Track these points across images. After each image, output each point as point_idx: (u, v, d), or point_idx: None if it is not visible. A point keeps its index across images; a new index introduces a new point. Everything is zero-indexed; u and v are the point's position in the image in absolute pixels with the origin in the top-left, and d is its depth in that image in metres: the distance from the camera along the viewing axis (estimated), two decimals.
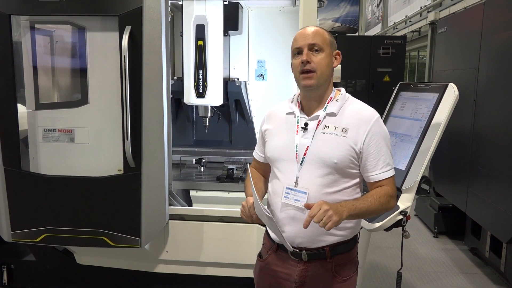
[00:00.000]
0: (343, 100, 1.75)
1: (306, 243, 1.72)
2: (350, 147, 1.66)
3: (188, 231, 2.75)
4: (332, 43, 1.74)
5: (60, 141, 2.62)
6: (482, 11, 3.91)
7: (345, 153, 1.66)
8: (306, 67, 1.67)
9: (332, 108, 1.72)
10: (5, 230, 2.62)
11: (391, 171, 1.72)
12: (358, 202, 1.64)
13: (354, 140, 1.67)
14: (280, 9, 3.38)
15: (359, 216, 1.66)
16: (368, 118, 1.68)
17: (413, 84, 2.77)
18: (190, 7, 3.04)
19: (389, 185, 1.70)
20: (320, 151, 1.68)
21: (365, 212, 1.64)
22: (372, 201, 1.65)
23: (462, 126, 4.17)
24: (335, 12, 18.26)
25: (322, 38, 1.70)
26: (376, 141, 1.67)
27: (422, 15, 9.23)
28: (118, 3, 2.37)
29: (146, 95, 2.42)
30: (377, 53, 6.61)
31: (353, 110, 1.72)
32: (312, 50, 1.69)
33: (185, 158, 3.44)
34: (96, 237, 2.56)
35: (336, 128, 1.69)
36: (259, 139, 1.93)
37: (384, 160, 1.69)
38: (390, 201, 1.70)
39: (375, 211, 1.68)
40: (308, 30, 1.71)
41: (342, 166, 1.67)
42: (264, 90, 3.50)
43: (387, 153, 1.70)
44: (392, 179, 1.72)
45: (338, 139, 1.67)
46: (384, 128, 1.72)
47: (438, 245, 4.60)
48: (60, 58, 2.72)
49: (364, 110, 1.72)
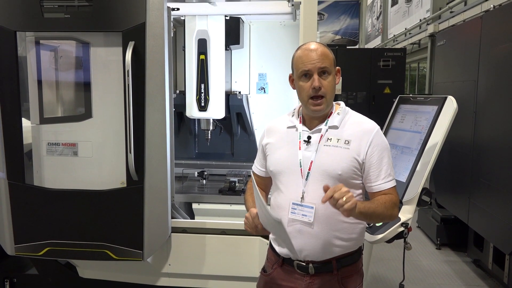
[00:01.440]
0: (343, 113, 1.78)
1: (313, 256, 1.72)
2: (354, 158, 1.69)
3: (190, 244, 2.75)
4: (334, 61, 1.75)
5: (64, 155, 2.65)
6: (480, 24, 3.96)
7: (349, 165, 1.69)
8: (318, 93, 1.68)
9: (333, 121, 1.75)
10: (8, 243, 2.63)
11: (392, 181, 1.75)
12: (366, 202, 1.67)
13: (357, 151, 1.70)
14: (280, 23, 3.44)
15: (367, 217, 1.65)
16: (369, 130, 1.72)
17: (412, 97, 2.80)
18: (192, 22, 3.09)
19: (393, 193, 1.74)
20: (324, 163, 1.70)
21: (372, 213, 1.64)
22: (379, 204, 1.67)
23: (463, 138, 4.18)
24: (335, 25, 18.41)
25: (329, 60, 1.70)
26: (377, 152, 1.71)
27: (422, 27, 9.31)
28: (122, 19, 2.41)
29: (149, 109, 2.45)
30: (377, 65, 6.66)
31: (354, 122, 1.76)
32: (321, 73, 1.68)
33: (187, 170, 3.46)
34: (99, 250, 2.56)
35: (339, 141, 1.71)
36: (259, 153, 1.94)
37: (385, 170, 1.72)
38: (394, 208, 1.72)
39: (381, 215, 1.69)
40: (315, 51, 1.68)
41: (346, 177, 1.69)
42: (266, 103, 3.54)
43: (388, 163, 1.73)
44: (394, 189, 1.75)
45: (341, 151, 1.70)
46: (385, 140, 1.76)
47: (441, 257, 4.58)
48: (64, 72, 2.76)
49: (365, 123, 1.76)
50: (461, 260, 4.49)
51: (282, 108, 3.49)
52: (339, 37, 18.27)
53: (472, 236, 4.34)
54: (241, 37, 3.32)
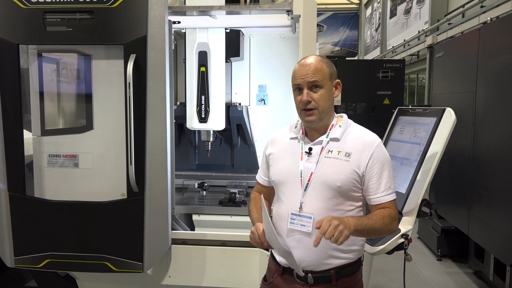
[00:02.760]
0: (345, 125, 1.80)
1: (312, 266, 1.74)
2: (353, 170, 1.71)
3: (190, 256, 2.75)
4: (332, 75, 1.76)
5: (65, 167, 2.66)
6: (478, 36, 4.00)
7: (349, 177, 1.70)
8: (308, 107, 1.72)
9: (335, 133, 1.77)
10: (8, 255, 2.62)
11: (392, 194, 1.75)
12: (363, 219, 1.67)
13: (357, 164, 1.71)
14: (280, 36, 3.47)
15: (363, 233, 1.68)
16: (370, 143, 1.74)
17: (411, 109, 2.82)
18: (193, 34, 3.13)
19: (392, 207, 1.74)
20: (324, 175, 1.71)
21: (370, 229, 1.66)
22: (377, 219, 1.68)
23: (462, 149, 4.20)
24: (335, 36, 18.56)
25: (321, 74, 1.72)
26: (378, 165, 1.72)
27: (420, 39, 9.39)
28: (124, 32, 2.44)
29: (150, 121, 2.47)
30: (376, 76, 6.71)
31: (356, 135, 1.77)
32: (311, 87, 1.72)
33: (187, 182, 3.46)
34: (99, 262, 2.56)
35: (340, 153, 1.73)
36: (262, 162, 1.97)
37: (385, 183, 1.72)
38: (393, 223, 1.73)
39: (379, 231, 1.71)
40: (307, 67, 1.73)
41: (345, 189, 1.71)
42: (266, 114, 3.56)
43: (388, 177, 1.74)
44: (394, 203, 1.75)
45: (341, 163, 1.71)
46: (386, 153, 1.77)
47: (442, 268, 4.56)
48: (65, 85, 2.78)
49: (366, 135, 1.78)
50: (462, 272, 4.47)
51: (282, 119, 3.50)
52: (338, 49, 18.40)
53: (473, 247, 4.33)
54: (241, 50, 3.35)
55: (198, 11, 2.76)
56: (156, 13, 2.43)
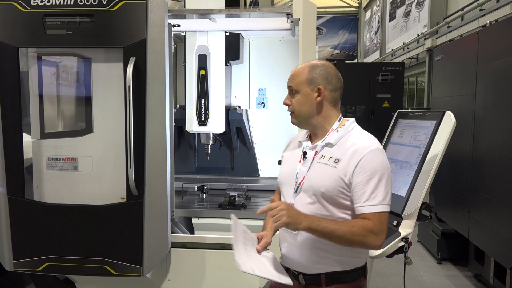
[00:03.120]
0: (344, 131, 1.77)
1: (301, 267, 1.78)
2: (339, 177, 1.68)
3: (190, 259, 2.74)
4: (312, 80, 1.76)
5: (64, 170, 2.65)
6: (477, 39, 4.00)
7: (333, 183, 1.68)
8: (288, 109, 1.84)
9: (330, 139, 1.77)
10: (7, 259, 2.61)
11: (378, 206, 1.62)
12: (326, 221, 1.64)
13: (344, 171, 1.67)
14: (280, 39, 3.47)
15: (322, 235, 1.63)
16: (362, 149, 1.67)
17: (411, 112, 2.83)
18: (193, 38, 3.13)
19: (373, 220, 1.62)
20: (312, 180, 1.74)
21: (330, 233, 1.61)
22: (343, 226, 1.62)
23: (462, 152, 4.20)
24: (334, 39, 18.61)
25: (298, 79, 1.78)
26: (364, 173, 1.64)
27: (419, 42, 9.41)
28: (123, 35, 2.44)
29: (149, 124, 2.47)
30: (376, 79, 6.72)
31: (352, 141, 1.73)
32: (291, 92, 1.82)
33: (187, 185, 3.46)
34: (98, 265, 2.55)
35: (330, 158, 1.73)
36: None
37: (370, 193, 1.63)
38: (368, 235, 1.61)
39: (343, 238, 1.61)
40: (292, 72, 1.84)
41: (330, 195, 1.70)
42: (265, 117, 3.56)
43: (377, 187, 1.63)
44: (377, 216, 1.62)
45: (328, 169, 1.71)
46: (380, 161, 1.66)
47: (442, 272, 4.55)
48: (65, 88, 2.78)
49: (361, 141, 1.71)
50: (462, 275, 4.46)
51: (281, 122, 3.51)
52: (337, 52, 18.44)
53: (473, 250, 4.32)
54: (241, 53, 3.35)
55: (197, 14, 2.76)
56: (156, 16, 2.43)
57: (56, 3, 2.45)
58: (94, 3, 2.43)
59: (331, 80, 1.78)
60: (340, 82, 1.81)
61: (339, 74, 1.82)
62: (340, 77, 1.82)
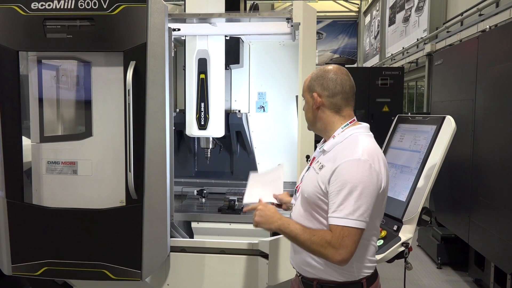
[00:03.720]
0: (340, 138, 1.73)
1: (299, 269, 1.84)
2: (318, 184, 1.68)
3: (189, 264, 2.73)
4: (310, 87, 1.80)
5: (63, 173, 2.65)
6: (477, 44, 4.01)
7: (313, 189, 1.70)
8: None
9: (326, 145, 1.78)
10: (6, 263, 2.60)
11: (340, 220, 1.56)
12: (294, 225, 1.69)
13: (322, 178, 1.66)
14: (280, 43, 3.48)
15: (290, 237, 1.71)
16: (341, 158, 1.62)
17: (411, 116, 2.82)
18: (193, 42, 3.13)
19: (334, 232, 1.57)
20: (303, 184, 1.81)
21: (294, 237, 1.68)
22: (306, 233, 1.64)
23: (462, 156, 4.19)
24: (334, 44, 18.65)
25: (303, 87, 1.86)
26: (337, 183, 1.59)
27: (419, 46, 9.43)
28: (124, 39, 2.44)
29: (149, 128, 2.46)
30: (375, 83, 6.73)
31: (341, 148, 1.69)
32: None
33: (186, 189, 3.45)
34: (97, 270, 2.54)
35: (318, 164, 1.75)
36: None
37: (338, 205, 1.57)
38: (326, 247, 1.57)
39: (304, 244, 1.64)
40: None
41: (311, 201, 1.72)
42: (265, 121, 3.55)
43: (345, 199, 1.56)
44: (340, 229, 1.56)
45: (313, 175, 1.75)
46: (358, 173, 1.57)
47: (442, 277, 4.54)
48: (65, 91, 2.78)
49: (346, 150, 1.66)
50: (462, 280, 4.45)
51: (281, 126, 3.51)
52: (337, 56, 18.48)
53: (473, 255, 4.31)
54: (241, 57, 3.35)
55: (198, 18, 2.77)
56: (156, 20, 2.43)
57: (57, 7, 2.45)
58: (94, 7, 2.43)
59: (327, 86, 1.75)
60: (339, 87, 1.74)
61: (343, 78, 1.75)
62: (342, 81, 1.75)
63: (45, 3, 2.45)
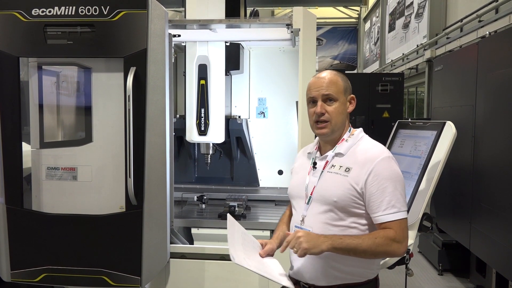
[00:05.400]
0: (354, 140, 1.78)
1: (314, 279, 1.74)
2: (351, 185, 1.68)
3: (189, 270, 2.71)
4: (346, 89, 1.79)
5: (63, 179, 2.64)
6: (477, 50, 4.02)
7: (345, 192, 1.68)
8: (320, 118, 1.74)
9: (340, 148, 1.77)
10: (5, 269, 2.59)
11: (397, 214, 1.64)
12: (348, 237, 1.63)
13: (356, 179, 1.67)
14: (280, 49, 3.49)
15: (347, 251, 1.61)
16: (373, 157, 1.67)
17: (411, 122, 2.82)
18: (193, 48, 3.14)
19: (394, 228, 1.62)
20: (323, 189, 1.73)
21: (355, 248, 1.59)
22: (366, 239, 1.61)
23: (462, 162, 4.18)
24: (334, 50, 18.69)
25: (336, 87, 1.75)
26: (379, 181, 1.64)
27: (419, 52, 9.44)
28: (124, 45, 2.45)
29: (149, 134, 2.46)
30: (375, 89, 6.73)
31: (362, 150, 1.74)
32: (326, 100, 1.74)
33: (186, 195, 3.44)
34: (96, 276, 2.52)
35: (341, 168, 1.73)
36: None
37: (388, 201, 1.63)
38: (391, 244, 1.61)
39: (368, 251, 1.60)
40: (322, 79, 1.76)
41: (342, 204, 1.69)
42: (265, 127, 3.55)
43: (394, 194, 1.64)
44: (399, 223, 1.63)
45: (339, 178, 1.71)
46: (392, 168, 1.67)
47: (443, 283, 4.51)
48: (65, 97, 2.78)
49: (371, 149, 1.73)
50: (464, 286, 4.42)
51: (281, 132, 3.51)
52: (337, 62, 18.52)
53: (475, 262, 4.29)
54: (241, 63, 3.36)
55: (198, 24, 2.77)
56: (156, 27, 2.44)
57: (57, 13, 2.46)
58: (95, 13, 2.44)
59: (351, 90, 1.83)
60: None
61: None
62: None
63: (45, 10, 2.46)
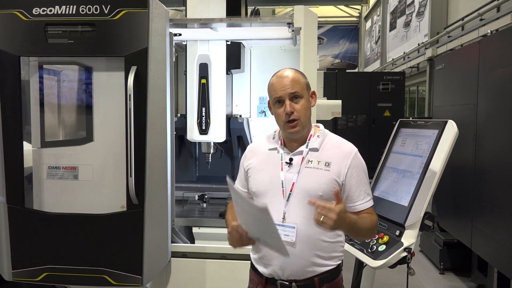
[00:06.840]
0: (323, 135, 1.84)
1: (296, 275, 1.76)
2: (334, 179, 1.75)
3: (190, 269, 2.72)
4: (308, 85, 1.82)
5: (64, 179, 2.64)
6: (478, 49, 4.01)
7: (329, 186, 1.73)
8: (291, 118, 1.74)
9: (314, 143, 1.80)
10: (6, 269, 2.59)
11: (371, 201, 1.83)
12: (358, 218, 1.73)
13: (337, 173, 1.75)
14: (281, 48, 3.48)
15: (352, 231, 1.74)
16: (348, 152, 1.79)
17: (413, 121, 2.82)
18: (194, 47, 3.14)
19: (371, 212, 1.82)
20: (306, 185, 1.74)
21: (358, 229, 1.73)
22: (364, 221, 1.76)
23: (464, 161, 4.18)
24: (335, 49, 18.67)
25: (299, 84, 1.77)
26: (357, 174, 1.78)
27: (420, 51, 9.42)
28: (125, 44, 2.45)
29: (150, 133, 2.46)
30: (377, 88, 6.73)
31: (334, 144, 1.82)
32: (292, 98, 1.76)
33: (187, 194, 3.44)
34: (98, 275, 2.53)
35: (319, 163, 1.77)
36: (240, 174, 1.97)
37: (365, 190, 1.80)
38: (375, 227, 1.83)
39: (363, 232, 1.80)
40: (286, 78, 1.77)
41: (326, 198, 1.71)
42: (266, 126, 3.54)
43: (367, 184, 1.82)
44: (373, 209, 1.84)
45: (322, 173, 1.75)
46: (362, 161, 1.83)
47: (445, 282, 4.51)
48: (66, 96, 2.78)
49: (343, 145, 1.83)
50: (465, 285, 4.42)
51: None
52: (338, 61, 18.50)
53: (476, 261, 4.29)
54: (242, 62, 3.35)
55: (199, 23, 2.77)
56: (157, 26, 2.43)
57: (58, 13, 2.46)
58: (95, 12, 2.44)
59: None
60: None
61: None
62: None
63: (46, 9, 2.46)
